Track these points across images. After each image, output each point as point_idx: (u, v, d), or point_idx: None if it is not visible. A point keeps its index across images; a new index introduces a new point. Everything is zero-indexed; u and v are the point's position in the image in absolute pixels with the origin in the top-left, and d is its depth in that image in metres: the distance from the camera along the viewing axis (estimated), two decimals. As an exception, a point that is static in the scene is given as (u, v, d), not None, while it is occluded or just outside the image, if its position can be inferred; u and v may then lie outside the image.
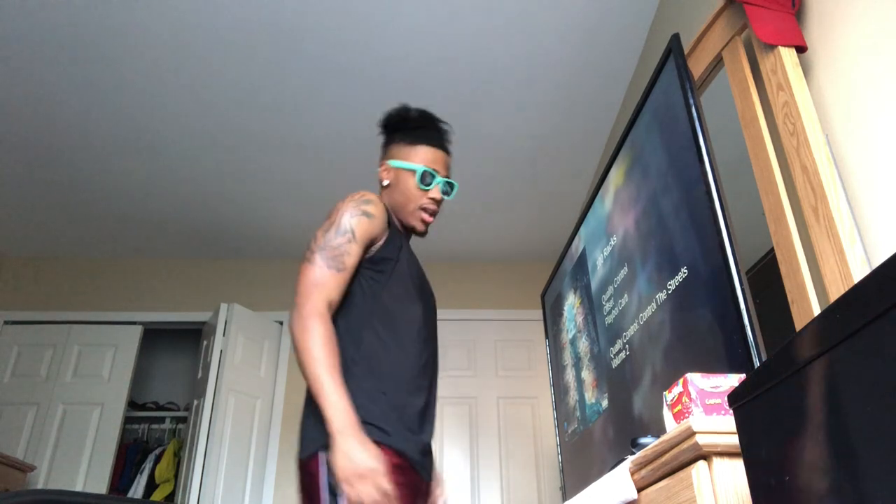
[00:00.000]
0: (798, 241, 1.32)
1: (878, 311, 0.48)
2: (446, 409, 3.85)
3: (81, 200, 3.66)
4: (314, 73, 2.78)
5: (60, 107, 2.95)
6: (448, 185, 1.52)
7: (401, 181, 1.49)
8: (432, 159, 1.49)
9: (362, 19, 2.52)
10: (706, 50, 1.73)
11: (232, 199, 3.68)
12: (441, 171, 1.50)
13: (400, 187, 1.49)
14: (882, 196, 1.20)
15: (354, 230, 1.34)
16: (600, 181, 2.13)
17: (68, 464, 3.70)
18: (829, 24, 1.37)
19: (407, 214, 1.49)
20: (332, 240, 1.33)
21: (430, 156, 1.49)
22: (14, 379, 3.92)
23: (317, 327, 1.23)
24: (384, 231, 1.41)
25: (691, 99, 1.51)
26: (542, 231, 4.01)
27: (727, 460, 0.90)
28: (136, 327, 4.12)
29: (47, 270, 4.25)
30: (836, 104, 1.34)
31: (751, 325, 1.23)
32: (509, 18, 2.51)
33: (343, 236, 1.33)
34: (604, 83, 2.84)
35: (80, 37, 2.57)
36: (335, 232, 1.34)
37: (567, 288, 2.50)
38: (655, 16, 2.49)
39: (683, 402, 1.05)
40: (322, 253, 1.31)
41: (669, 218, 1.59)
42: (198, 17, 2.50)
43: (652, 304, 1.66)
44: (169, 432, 4.46)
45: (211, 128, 3.11)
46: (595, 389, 2.10)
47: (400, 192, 1.49)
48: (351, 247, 1.33)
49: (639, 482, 1.11)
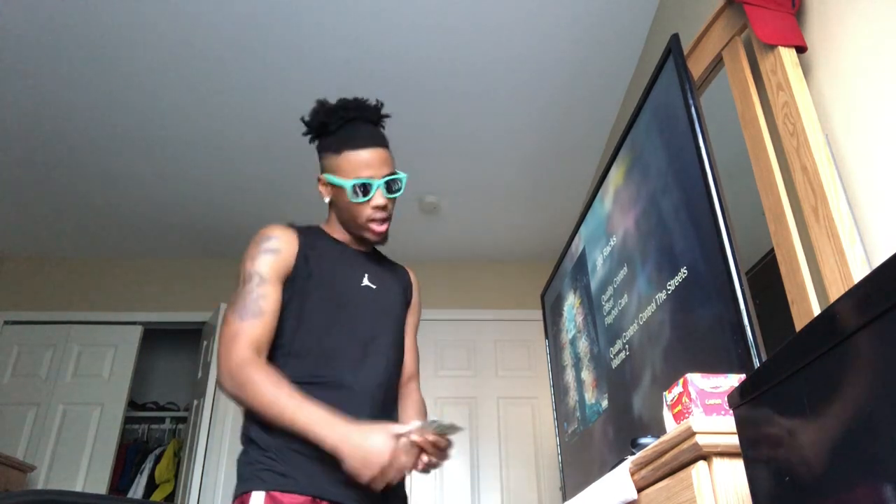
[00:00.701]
0: (798, 241, 1.32)
1: (877, 311, 0.48)
2: (446, 409, 3.85)
3: (81, 200, 3.66)
4: (314, 72, 2.77)
5: (61, 106, 2.95)
6: (390, 183, 1.36)
7: (339, 198, 1.37)
8: (364, 163, 1.33)
9: (363, 18, 2.52)
10: (706, 50, 1.73)
11: (232, 199, 3.68)
12: (377, 172, 1.34)
13: (340, 204, 1.38)
14: (882, 196, 1.20)
15: (261, 272, 1.28)
16: (600, 181, 2.13)
17: (68, 464, 3.70)
18: (829, 24, 1.37)
19: (356, 229, 1.40)
20: (241, 293, 1.26)
21: (360, 160, 1.33)
22: (14, 379, 3.92)
23: (247, 373, 1.16)
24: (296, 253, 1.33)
25: (691, 99, 1.51)
26: (542, 231, 4.01)
27: (727, 460, 0.90)
28: (136, 327, 4.12)
29: (47, 270, 4.25)
30: (836, 104, 1.34)
31: (751, 325, 1.23)
32: (509, 18, 2.51)
33: (250, 282, 1.27)
34: (604, 83, 2.84)
35: (81, 36, 2.57)
36: (243, 284, 1.28)
37: (567, 288, 2.50)
38: (655, 16, 2.49)
39: (683, 403, 1.05)
40: (232, 310, 1.25)
41: (669, 218, 1.59)
42: (198, 17, 2.50)
43: (652, 305, 1.66)
44: (169, 432, 4.46)
45: (211, 128, 3.11)
46: (595, 390, 2.10)
47: (341, 208, 1.39)
48: (263, 289, 1.26)
49: (639, 482, 1.11)
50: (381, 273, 1.47)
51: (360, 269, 1.42)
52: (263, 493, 1.16)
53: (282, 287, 1.31)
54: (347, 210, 1.37)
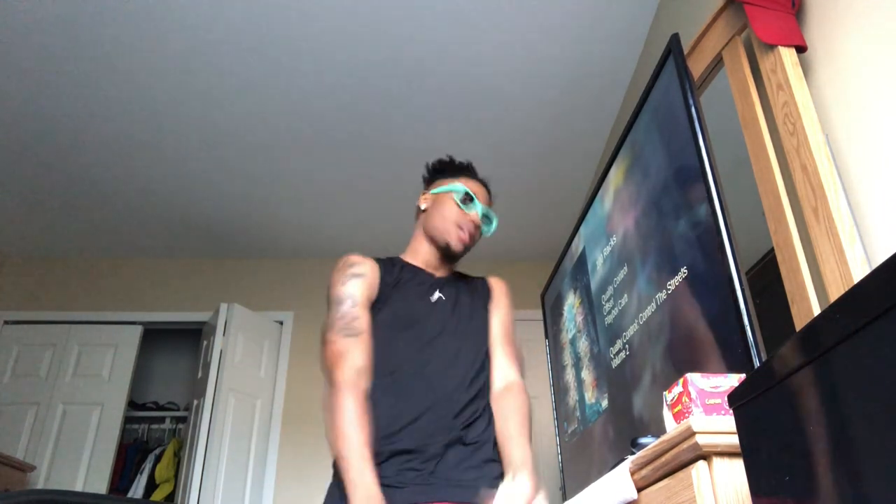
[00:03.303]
0: (798, 241, 1.32)
1: (878, 311, 0.48)
2: (446, 409, 3.84)
3: (81, 200, 3.66)
4: (317, 72, 2.78)
5: (61, 107, 2.95)
6: (487, 214, 1.51)
7: (440, 203, 1.49)
8: (475, 187, 1.51)
9: (363, 18, 2.52)
10: (706, 50, 1.73)
11: (232, 199, 3.68)
12: (480, 199, 1.50)
13: (438, 209, 1.48)
14: (882, 196, 1.20)
15: (353, 294, 1.34)
16: (600, 181, 2.13)
17: (68, 464, 3.70)
18: (829, 24, 1.37)
19: (443, 232, 1.46)
20: (336, 314, 1.32)
21: (472, 185, 1.51)
22: (14, 379, 3.92)
23: (345, 402, 1.20)
24: (378, 281, 1.40)
25: (691, 99, 1.51)
26: (542, 231, 4.01)
27: (727, 460, 0.90)
28: (136, 327, 4.12)
29: (47, 270, 4.25)
30: (836, 104, 1.34)
31: (751, 325, 1.23)
32: (509, 18, 2.51)
33: (344, 304, 1.32)
34: (604, 83, 2.84)
35: (81, 36, 2.57)
36: (336, 306, 1.33)
37: (567, 288, 2.50)
38: (655, 16, 2.49)
39: (683, 402, 1.05)
40: (332, 330, 1.30)
41: (669, 218, 1.59)
42: (203, 17, 2.50)
43: (652, 304, 1.66)
44: (169, 432, 4.46)
45: (211, 128, 3.11)
46: (595, 389, 2.10)
47: (438, 213, 1.48)
48: (356, 310, 1.32)
49: (639, 482, 1.11)
50: (455, 287, 1.49)
51: (433, 285, 1.46)
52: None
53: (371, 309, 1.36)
54: (444, 213, 1.47)
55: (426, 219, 1.51)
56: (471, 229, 1.46)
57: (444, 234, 1.46)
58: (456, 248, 1.46)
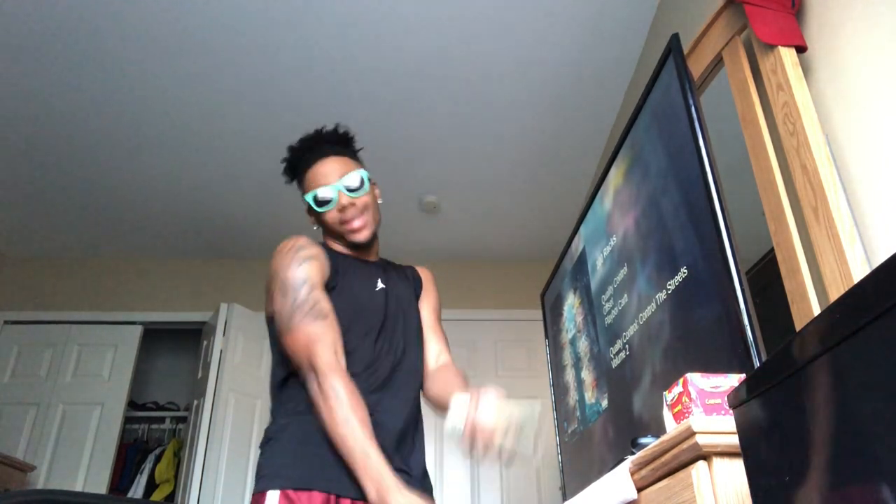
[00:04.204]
0: (798, 241, 1.32)
1: (878, 311, 0.48)
2: (446, 409, 3.84)
3: (81, 200, 3.66)
4: (319, 73, 2.78)
5: (61, 106, 2.95)
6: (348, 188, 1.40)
7: (315, 217, 1.46)
8: (320, 175, 1.40)
9: (363, 17, 2.52)
10: (706, 50, 1.73)
11: (232, 200, 3.68)
12: (332, 178, 1.40)
13: (319, 222, 1.46)
14: (882, 196, 1.20)
15: (309, 277, 1.27)
16: (600, 181, 2.13)
17: (68, 464, 3.70)
18: (829, 24, 1.37)
19: (338, 234, 1.44)
20: (295, 299, 1.24)
21: (315, 175, 1.41)
22: (14, 379, 3.92)
23: (335, 384, 1.15)
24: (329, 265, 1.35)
25: (691, 99, 1.51)
26: (542, 231, 4.01)
27: (727, 460, 0.90)
28: (136, 327, 4.12)
29: (47, 270, 4.25)
30: (836, 104, 1.34)
31: (751, 325, 1.23)
32: (509, 18, 2.51)
33: (302, 288, 1.25)
34: (604, 83, 2.84)
35: (81, 36, 2.57)
36: (291, 291, 1.25)
37: (567, 288, 2.50)
38: (655, 16, 2.49)
39: (683, 402, 1.05)
40: (296, 315, 1.23)
41: (669, 218, 1.59)
42: (205, 16, 2.50)
43: (652, 304, 1.66)
44: (169, 432, 4.46)
45: (211, 128, 3.11)
46: (595, 389, 2.10)
47: (321, 225, 1.46)
48: (316, 293, 1.26)
49: (639, 482, 1.11)
50: (391, 275, 1.51)
51: (373, 273, 1.46)
52: (278, 493, 1.15)
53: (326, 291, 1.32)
54: (322, 223, 1.45)
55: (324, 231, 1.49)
56: (351, 215, 1.40)
57: (342, 235, 1.43)
58: (359, 239, 1.43)
